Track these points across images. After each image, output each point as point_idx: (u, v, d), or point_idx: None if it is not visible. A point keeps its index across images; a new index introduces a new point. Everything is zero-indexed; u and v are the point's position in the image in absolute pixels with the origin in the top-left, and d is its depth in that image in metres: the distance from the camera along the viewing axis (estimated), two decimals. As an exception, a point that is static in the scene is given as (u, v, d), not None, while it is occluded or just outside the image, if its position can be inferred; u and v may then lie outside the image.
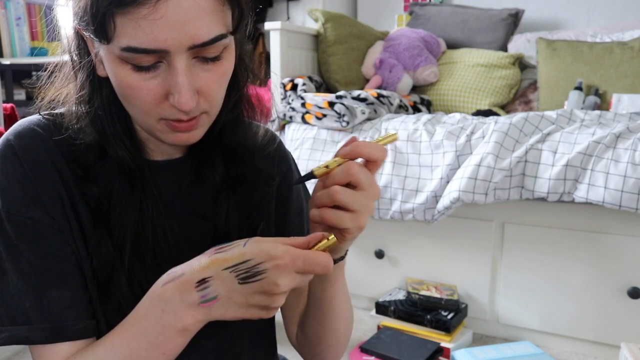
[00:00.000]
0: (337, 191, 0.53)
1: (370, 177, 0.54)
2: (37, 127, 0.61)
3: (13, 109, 2.06)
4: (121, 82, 0.55)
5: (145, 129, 0.60)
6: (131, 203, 0.61)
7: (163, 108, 0.56)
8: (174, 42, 0.51)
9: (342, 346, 0.75)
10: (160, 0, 0.49)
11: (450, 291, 1.76)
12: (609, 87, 2.04)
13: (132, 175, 0.61)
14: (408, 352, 1.56)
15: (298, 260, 0.50)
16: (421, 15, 2.74)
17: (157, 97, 0.55)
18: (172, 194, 0.66)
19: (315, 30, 2.37)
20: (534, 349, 1.59)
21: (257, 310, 0.52)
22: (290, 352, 0.89)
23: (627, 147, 1.46)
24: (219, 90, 0.59)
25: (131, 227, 0.61)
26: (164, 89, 0.54)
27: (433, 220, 1.70)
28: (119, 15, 0.50)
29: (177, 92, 0.53)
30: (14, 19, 2.71)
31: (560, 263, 1.64)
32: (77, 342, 0.58)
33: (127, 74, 0.54)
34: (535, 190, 1.55)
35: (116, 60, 0.53)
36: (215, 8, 0.52)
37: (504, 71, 2.33)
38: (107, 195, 0.61)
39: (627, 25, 2.34)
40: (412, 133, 1.77)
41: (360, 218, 0.54)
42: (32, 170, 0.58)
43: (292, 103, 2.02)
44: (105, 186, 0.61)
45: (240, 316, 0.52)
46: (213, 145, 0.66)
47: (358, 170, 0.53)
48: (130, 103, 0.57)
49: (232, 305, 0.52)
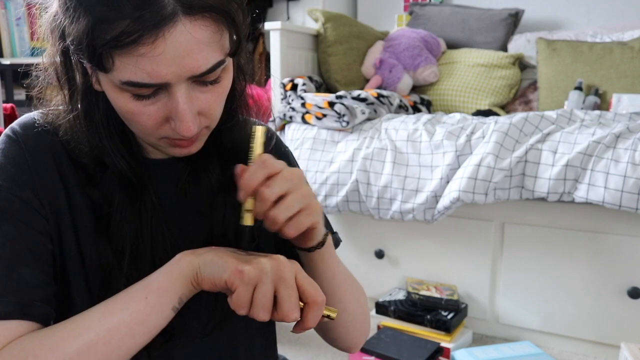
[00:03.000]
0: (277, 214, 0.55)
1: (280, 181, 0.56)
2: (42, 122, 0.62)
3: (13, 109, 2.06)
4: (121, 107, 0.55)
5: (149, 144, 0.62)
6: (130, 212, 0.61)
7: (164, 130, 0.57)
8: (173, 76, 0.52)
9: (361, 325, 0.75)
10: (157, 39, 0.49)
11: (450, 291, 1.76)
12: (609, 87, 2.04)
13: (132, 186, 0.62)
14: (408, 352, 1.57)
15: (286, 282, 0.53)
16: (421, 15, 2.74)
17: (158, 121, 0.56)
18: (170, 193, 0.67)
19: (315, 30, 2.37)
20: (534, 349, 1.59)
21: (238, 261, 0.54)
22: (290, 352, 0.89)
23: (627, 147, 1.46)
24: (218, 107, 0.60)
25: (130, 235, 0.61)
26: (165, 113, 0.55)
27: (433, 220, 1.70)
28: (117, 53, 0.50)
29: (178, 120, 0.54)
30: (14, 19, 2.72)
31: (560, 263, 1.64)
32: (36, 324, 0.56)
33: (127, 101, 0.54)
34: (535, 190, 1.55)
35: (115, 87, 0.54)
36: (213, 38, 0.52)
37: (504, 71, 2.33)
38: (107, 203, 0.61)
39: (627, 25, 2.34)
40: (412, 133, 1.78)
41: (311, 208, 0.57)
42: (32, 158, 0.59)
43: (292, 103, 2.02)
44: (106, 193, 0.61)
45: (227, 259, 0.54)
46: (209, 146, 0.66)
47: (270, 192, 0.55)
48: (131, 125, 0.58)
49: (229, 251, 0.56)
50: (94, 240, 0.61)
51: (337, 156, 1.86)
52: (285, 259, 0.55)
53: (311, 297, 0.54)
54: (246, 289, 0.52)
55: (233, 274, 0.52)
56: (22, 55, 2.75)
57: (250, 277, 0.52)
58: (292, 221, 0.56)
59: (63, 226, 0.61)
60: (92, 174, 0.61)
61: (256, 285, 0.52)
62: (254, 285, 0.52)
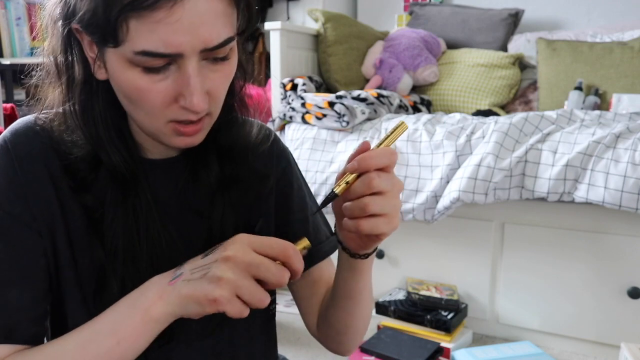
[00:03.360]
0: (369, 203, 0.53)
1: (389, 179, 0.55)
2: (34, 126, 0.61)
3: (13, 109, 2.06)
4: (130, 85, 0.54)
5: (150, 131, 0.60)
6: (123, 210, 0.61)
7: (172, 110, 0.56)
8: (187, 46, 0.51)
9: (364, 332, 0.77)
10: (176, 4, 0.49)
11: (450, 291, 1.76)
12: (609, 87, 2.04)
13: (125, 182, 0.61)
14: (408, 352, 1.56)
15: (253, 264, 0.52)
16: (421, 15, 2.74)
17: (167, 99, 0.55)
18: (168, 193, 0.66)
19: (315, 30, 2.37)
20: (534, 349, 1.59)
21: (206, 291, 0.52)
22: (290, 352, 0.89)
23: (627, 147, 1.46)
24: (224, 91, 0.59)
25: (123, 234, 0.60)
26: (175, 90, 0.55)
27: (433, 220, 1.70)
28: (134, 19, 0.49)
29: (189, 94, 0.54)
30: (14, 19, 2.72)
31: (560, 263, 1.64)
32: (21, 346, 0.57)
33: (137, 77, 0.53)
34: (535, 190, 1.55)
35: (125, 63, 0.53)
36: (226, 11, 0.53)
37: (504, 71, 2.33)
38: (99, 203, 0.60)
39: (627, 25, 2.34)
40: (412, 133, 1.77)
41: (393, 220, 0.56)
42: (22, 168, 0.58)
43: (292, 103, 2.02)
44: (99, 194, 0.60)
45: (196, 295, 0.52)
46: (208, 145, 0.66)
47: (379, 182, 0.54)
48: (138, 106, 0.56)
49: (190, 283, 0.53)
50: (87, 245, 0.60)
51: (337, 156, 1.86)
52: (235, 244, 0.53)
53: (282, 255, 0.53)
54: (232, 304, 0.51)
55: (210, 305, 0.51)
56: (22, 55, 2.76)
57: (226, 296, 0.51)
58: (374, 219, 0.54)
59: (57, 235, 0.60)
60: (84, 177, 0.60)
61: (235, 292, 0.51)
62: (234, 295, 0.51)
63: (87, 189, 0.60)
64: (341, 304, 0.69)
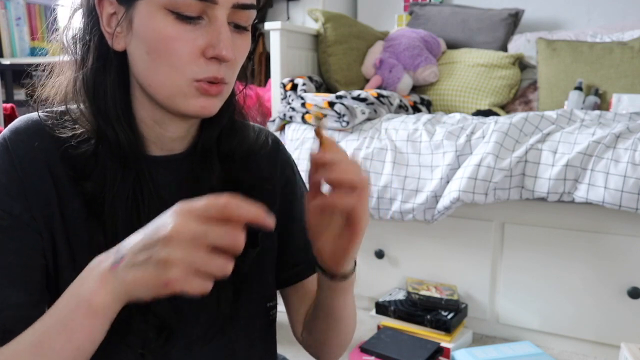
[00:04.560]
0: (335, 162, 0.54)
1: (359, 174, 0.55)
2: (35, 123, 0.61)
3: (13, 109, 2.07)
4: (160, 33, 0.55)
5: (170, 94, 0.58)
6: (124, 189, 0.60)
7: (198, 65, 0.57)
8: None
9: (347, 345, 0.77)
10: None
11: (450, 291, 1.76)
12: (609, 87, 2.04)
13: (126, 161, 0.60)
14: (408, 352, 1.56)
15: (198, 236, 0.46)
16: (421, 15, 2.74)
17: (195, 51, 0.56)
18: (170, 192, 0.65)
19: (315, 30, 2.37)
20: (534, 349, 1.59)
21: (156, 276, 0.47)
22: (290, 352, 0.89)
23: (627, 147, 1.46)
24: (241, 62, 0.62)
25: (123, 214, 0.59)
26: (204, 42, 0.56)
27: (433, 220, 1.70)
28: None
29: (219, 42, 0.55)
30: (14, 19, 2.72)
31: (560, 263, 1.64)
32: None
33: (169, 25, 0.55)
34: (535, 190, 1.55)
35: (159, 11, 0.55)
36: None
37: (504, 71, 2.33)
38: (100, 186, 0.59)
39: (627, 25, 2.34)
40: (412, 133, 1.77)
41: (363, 194, 0.55)
42: (22, 166, 0.58)
43: (292, 103, 2.02)
44: (99, 178, 0.60)
45: (145, 281, 0.48)
46: (211, 147, 0.66)
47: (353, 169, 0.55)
48: (163, 59, 0.56)
49: (135, 267, 0.48)
50: (87, 240, 0.60)
51: (337, 156, 1.86)
52: (173, 217, 0.48)
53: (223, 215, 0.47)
54: (189, 283, 0.46)
55: (165, 288, 0.47)
56: (22, 55, 2.75)
57: (179, 277, 0.46)
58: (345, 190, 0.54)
59: (57, 235, 0.59)
60: (85, 164, 0.59)
61: (189, 269, 0.46)
62: (189, 273, 0.46)
63: (87, 176, 0.60)
64: (323, 319, 0.71)
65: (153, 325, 0.61)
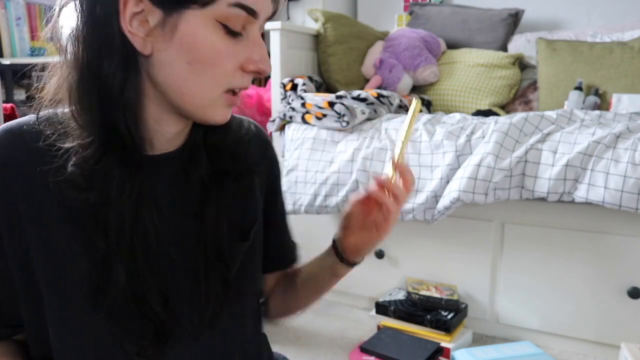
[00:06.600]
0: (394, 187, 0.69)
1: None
2: (22, 128, 0.60)
3: (13, 109, 2.07)
4: (209, 47, 0.56)
5: (202, 105, 0.60)
6: (131, 193, 0.59)
7: (235, 77, 0.59)
8: (265, 7, 0.58)
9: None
10: None
11: (450, 291, 1.76)
12: (609, 87, 2.04)
13: (132, 164, 0.59)
14: (408, 352, 1.57)
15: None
16: (421, 15, 2.74)
17: (236, 64, 0.59)
18: (161, 191, 0.65)
19: (315, 30, 2.37)
20: (534, 349, 1.59)
21: None
22: (290, 352, 0.90)
23: (627, 147, 1.46)
24: None
25: (130, 218, 0.59)
26: (244, 57, 0.59)
27: (433, 220, 1.70)
28: None
29: (260, 57, 0.59)
30: (14, 19, 2.72)
31: (560, 263, 1.64)
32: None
33: (220, 39, 0.56)
34: (535, 190, 1.55)
35: (210, 23, 0.55)
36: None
37: (504, 71, 2.33)
38: (105, 194, 0.58)
39: (627, 25, 2.34)
40: (412, 133, 1.77)
41: (398, 211, 0.70)
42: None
43: (292, 103, 2.02)
44: (103, 185, 0.58)
45: None
46: (197, 142, 0.67)
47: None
48: (207, 72, 0.57)
49: None
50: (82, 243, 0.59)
51: (337, 156, 1.86)
52: None
53: None
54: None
55: None
56: (22, 55, 2.75)
57: None
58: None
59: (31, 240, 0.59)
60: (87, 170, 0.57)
61: None
62: None
63: (87, 183, 0.58)
64: (309, 291, 0.82)
65: (149, 331, 0.61)
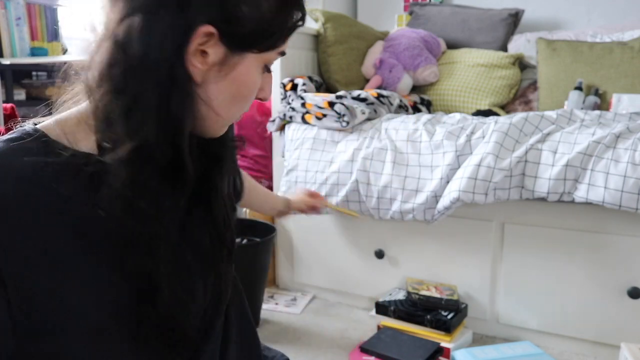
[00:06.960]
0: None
1: None
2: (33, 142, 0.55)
3: (13, 109, 2.07)
4: (254, 83, 0.63)
5: (224, 126, 0.66)
6: (177, 215, 0.60)
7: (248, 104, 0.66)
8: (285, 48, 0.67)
9: None
10: None
11: (450, 291, 1.76)
12: (609, 87, 2.04)
13: (176, 186, 0.59)
14: (408, 352, 1.57)
15: None
16: (421, 15, 2.74)
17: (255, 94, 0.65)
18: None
19: (315, 30, 2.37)
20: (534, 349, 1.59)
21: None
22: (290, 352, 0.89)
23: (627, 147, 1.46)
24: None
25: (174, 234, 0.60)
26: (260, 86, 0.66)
27: (433, 220, 1.70)
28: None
29: (268, 88, 0.67)
30: (14, 19, 2.71)
31: (560, 263, 1.64)
32: None
33: (259, 78, 0.63)
34: (535, 190, 1.55)
35: (260, 64, 0.62)
36: None
37: (504, 71, 2.33)
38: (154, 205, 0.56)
39: (627, 25, 2.34)
40: (412, 133, 1.77)
41: None
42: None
43: (292, 103, 2.02)
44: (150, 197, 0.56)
45: None
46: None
47: None
48: (244, 104, 0.64)
49: None
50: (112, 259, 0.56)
51: (337, 156, 1.86)
52: None
53: None
54: None
55: None
56: (22, 55, 2.75)
57: None
58: None
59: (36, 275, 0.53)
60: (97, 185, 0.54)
61: None
62: None
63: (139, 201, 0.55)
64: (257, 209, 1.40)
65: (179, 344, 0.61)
